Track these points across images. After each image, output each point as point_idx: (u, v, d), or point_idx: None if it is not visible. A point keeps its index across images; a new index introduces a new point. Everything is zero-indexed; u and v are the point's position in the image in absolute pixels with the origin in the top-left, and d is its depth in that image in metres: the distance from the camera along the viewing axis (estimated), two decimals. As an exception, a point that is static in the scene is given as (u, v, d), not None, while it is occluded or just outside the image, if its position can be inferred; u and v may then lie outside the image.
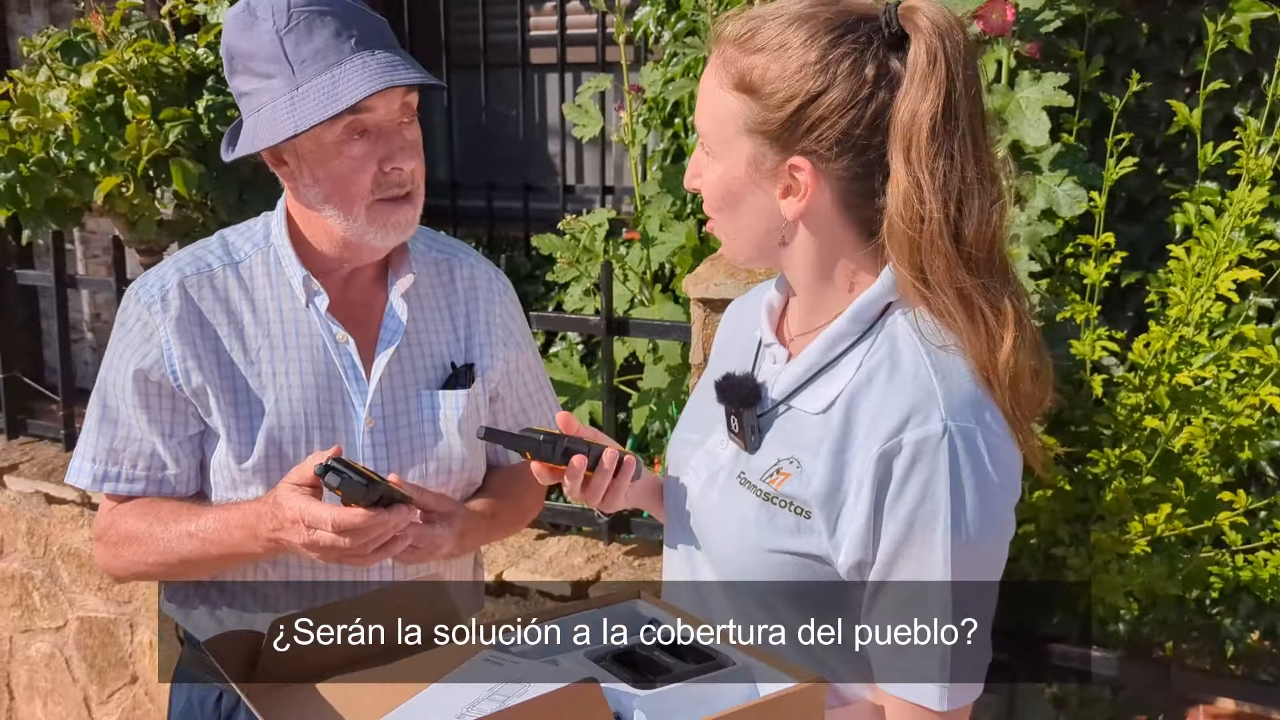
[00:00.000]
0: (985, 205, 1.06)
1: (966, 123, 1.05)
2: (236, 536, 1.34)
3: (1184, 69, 2.72)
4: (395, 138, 1.34)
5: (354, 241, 1.39)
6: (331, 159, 1.33)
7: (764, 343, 1.22)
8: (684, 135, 3.27)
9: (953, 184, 1.04)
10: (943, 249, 1.04)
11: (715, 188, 1.13)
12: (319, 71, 1.30)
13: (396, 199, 1.36)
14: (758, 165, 1.09)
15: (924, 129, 1.03)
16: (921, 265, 1.06)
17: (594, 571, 2.51)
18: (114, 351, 1.42)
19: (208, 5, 2.92)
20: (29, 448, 3.37)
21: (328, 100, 1.29)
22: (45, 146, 2.62)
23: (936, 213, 1.04)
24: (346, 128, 1.31)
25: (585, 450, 1.21)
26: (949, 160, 1.04)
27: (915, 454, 1.03)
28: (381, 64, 1.30)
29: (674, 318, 2.65)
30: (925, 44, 1.04)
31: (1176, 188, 2.78)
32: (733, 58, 1.09)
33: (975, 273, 1.06)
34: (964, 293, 1.06)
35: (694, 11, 3.26)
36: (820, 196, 1.09)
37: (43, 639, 3.34)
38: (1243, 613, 2.58)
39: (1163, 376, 1.99)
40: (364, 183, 1.34)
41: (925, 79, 1.03)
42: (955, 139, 1.04)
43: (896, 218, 1.05)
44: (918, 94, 1.03)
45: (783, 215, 1.10)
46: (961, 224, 1.05)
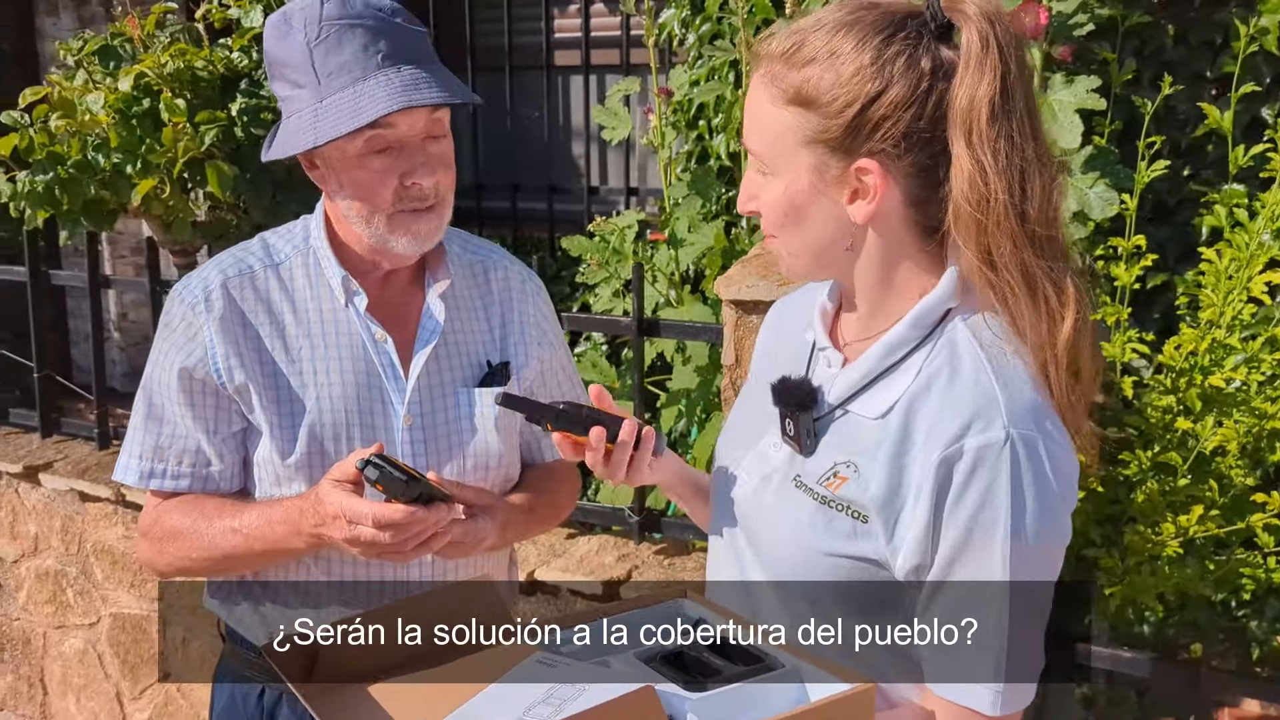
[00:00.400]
0: (1046, 183, 1.08)
1: (1023, 103, 1.07)
2: (279, 532, 1.36)
3: (1211, 71, 2.72)
4: (417, 153, 1.36)
5: (378, 248, 1.42)
6: (354, 170, 1.36)
7: (818, 347, 1.23)
8: (708, 137, 3.29)
9: (1015, 164, 1.05)
10: (1009, 229, 1.06)
11: (778, 205, 1.13)
12: (342, 86, 1.32)
13: (418, 210, 1.38)
14: (822, 174, 1.10)
15: (983, 112, 1.04)
16: (989, 246, 1.07)
17: (625, 570, 2.53)
18: (159, 351, 1.45)
19: (241, 9, 2.95)
20: (63, 446, 3.41)
21: (347, 116, 1.31)
22: (83, 149, 2.65)
23: (1001, 193, 1.05)
24: (368, 141, 1.34)
25: (604, 421, 1.22)
26: (1009, 141, 1.05)
27: (977, 460, 1.04)
28: (405, 82, 1.32)
29: (703, 319, 2.67)
30: (977, 30, 1.05)
31: (1203, 190, 2.78)
32: (781, 73, 1.10)
33: (1040, 252, 1.07)
34: (1029, 272, 1.07)
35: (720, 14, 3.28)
36: (890, 196, 1.10)
37: (76, 635, 3.39)
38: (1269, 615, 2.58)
39: (1195, 379, 2.00)
40: (384, 195, 1.36)
41: (980, 63, 1.05)
42: (1014, 119, 1.06)
43: (962, 201, 1.06)
44: (974, 79, 1.05)
45: (851, 220, 1.11)
46: (1025, 203, 1.06)
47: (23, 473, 3.31)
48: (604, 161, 4.60)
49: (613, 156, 4.57)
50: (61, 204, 2.70)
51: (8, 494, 3.40)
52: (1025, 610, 1.07)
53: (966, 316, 1.11)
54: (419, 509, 1.26)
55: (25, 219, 2.78)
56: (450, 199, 1.43)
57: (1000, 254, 1.06)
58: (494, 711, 1.02)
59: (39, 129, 2.69)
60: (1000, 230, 1.06)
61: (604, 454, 1.23)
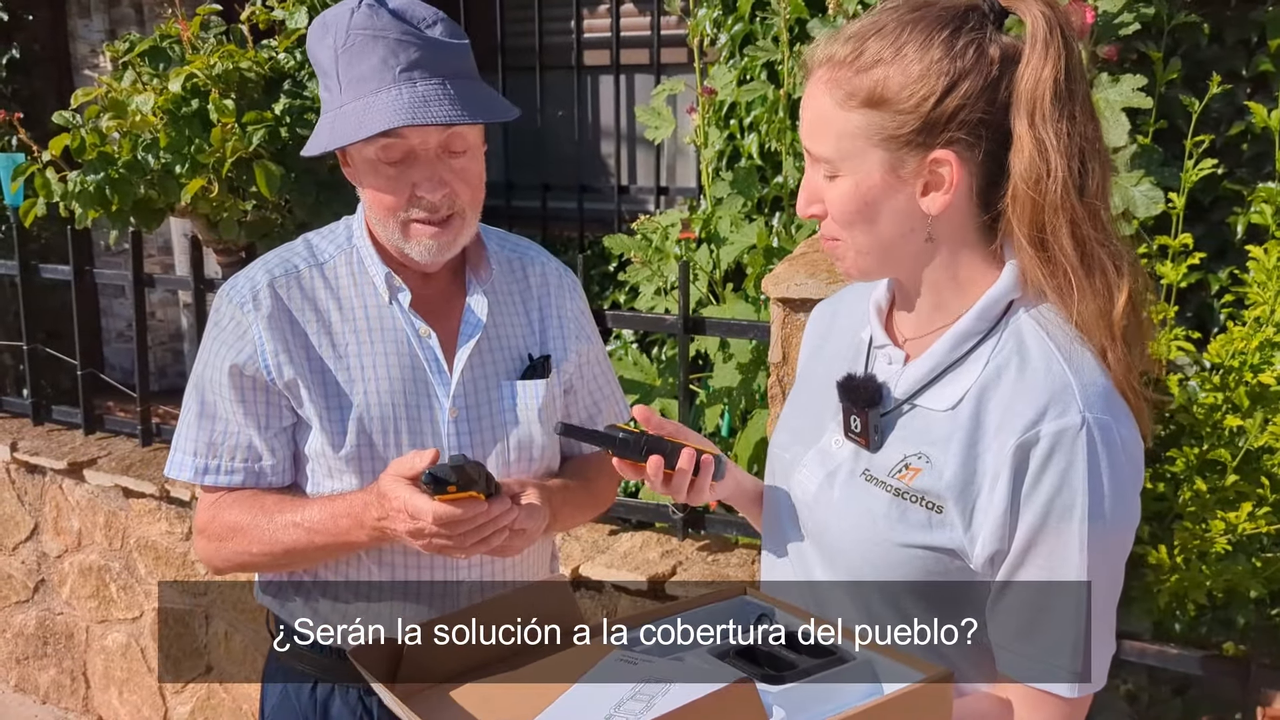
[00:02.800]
0: (1103, 162, 1.11)
1: (1082, 85, 1.10)
2: (343, 525, 1.39)
3: (1247, 70, 2.73)
4: (429, 166, 1.38)
5: (396, 252, 1.45)
6: (370, 174, 1.39)
7: (875, 344, 1.25)
8: (739, 136, 3.31)
9: (1075, 142, 1.08)
10: (1069, 205, 1.08)
11: (849, 203, 1.15)
12: (357, 96, 1.35)
13: (429, 222, 1.41)
14: (896, 170, 1.12)
15: (1048, 93, 1.07)
16: (1043, 225, 1.09)
17: (669, 567, 2.55)
18: (209, 349, 1.47)
19: (286, 11, 2.98)
20: (105, 442, 3.45)
21: (356, 126, 1.34)
22: (133, 149, 2.69)
23: (1061, 171, 1.08)
24: (383, 149, 1.37)
25: (663, 450, 1.24)
26: (1071, 120, 1.08)
27: (1053, 445, 1.06)
28: (415, 98, 1.34)
29: (745, 316, 2.69)
30: (1042, 15, 1.09)
31: (1238, 189, 2.79)
32: (845, 78, 1.12)
33: (1097, 227, 1.10)
34: (1086, 249, 1.10)
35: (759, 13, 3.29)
36: (962, 185, 1.12)
37: (119, 629, 3.43)
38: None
39: (1245, 376, 2.01)
40: (394, 202, 1.39)
41: (1046, 46, 1.08)
42: (1077, 100, 1.09)
43: (1020, 181, 1.09)
44: (1039, 61, 1.08)
45: (925, 212, 1.13)
46: (1086, 179, 1.09)
47: (67, 469, 3.34)
48: (633, 160, 4.62)
49: (642, 155, 4.60)
50: (112, 204, 2.73)
51: (51, 490, 3.45)
52: (1102, 592, 1.09)
53: (1029, 307, 1.14)
54: (480, 505, 1.29)
55: (76, 218, 2.81)
56: (471, 213, 1.45)
57: (1055, 233, 1.09)
58: (583, 710, 1.04)
59: (90, 129, 2.72)
60: (1060, 207, 1.09)
61: (662, 478, 1.26)
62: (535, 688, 1.10)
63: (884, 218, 1.14)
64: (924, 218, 1.14)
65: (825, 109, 1.14)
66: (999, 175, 1.12)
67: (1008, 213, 1.12)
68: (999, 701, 1.14)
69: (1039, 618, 1.09)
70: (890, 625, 1.17)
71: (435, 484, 1.27)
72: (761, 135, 3.25)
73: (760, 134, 3.25)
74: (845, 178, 1.14)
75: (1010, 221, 1.12)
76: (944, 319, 1.18)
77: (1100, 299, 1.10)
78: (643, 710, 1.01)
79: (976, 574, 1.12)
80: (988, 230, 1.15)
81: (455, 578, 1.49)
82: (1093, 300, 1.10)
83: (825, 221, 1.18)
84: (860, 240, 1.17)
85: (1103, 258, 1.10)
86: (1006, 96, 1.10)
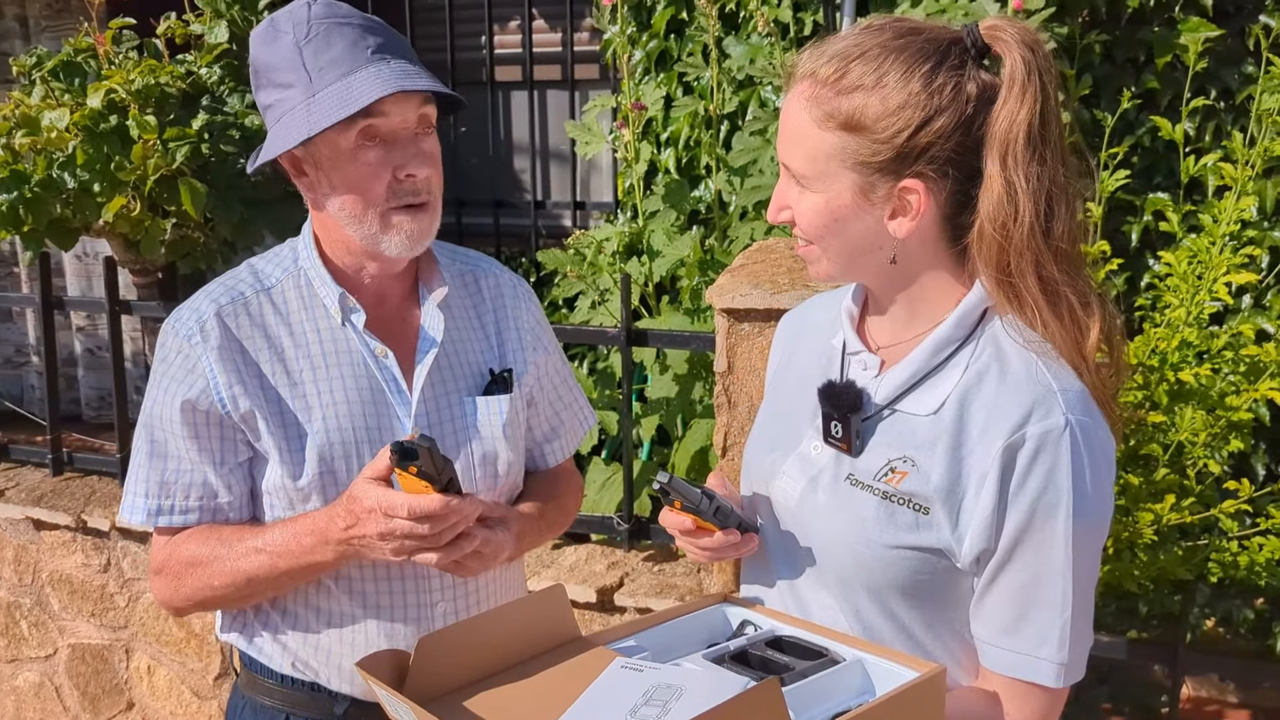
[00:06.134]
0: (1070, 203, 1.15)
1: (1056, 129, 1.14)
2: (306, 543, 1.36)
3: (1135, 86, 2.89)
4: (410, 145, 1.37)
5: (371, 251, 1.42)
6: (347, 165, 1.36)
7: (849, 351, 1.28)
8: (656, 152, 3.36)
9: (1044, 185, 1.12)
10: (1034, 246, 1.12)
11: (818, 217, 1.18)
12: (335, 78, 1.34)
13: (411, 207, 1.39)
14: (867, 194, 1.16)
15: (1021, 136, 1.11)
16: (1009, 265, 1.13)
17: (617, 578, 2.56)
18: (158, 386, 1.42)
19: (203, 24, 2.91)
20: (13, 473, 3.30)
21: (340, 104, 1.32)
22: (49, 167, 2.58)
23: (1028, 214, 1.12)
24: (361, 133, 1.34)
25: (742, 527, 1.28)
26: (1041, 164, 1.12)
27: (1039, 446, 1.10)
28: (395, 71, 1.34)
29: (682, 327, 2.72)
30: (1021, 57, 1.12)
31: (1131, 199, 2.95)
32: (825, 97, 1.15)
33: (1063, 267, 1.15)
34: (1051, 287, 1.14)
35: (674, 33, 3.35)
36: (929, 213, 1.16)
37: (31, 668, 3.27)
38: (1200, 601, 2.74)
39: (1166, 374, 2.13)
40: (378, 189, 1.37)
41: (1023, 90, 1.11)
42: (1049, 144, 1.13)
43: (986, 221, 1.13)
44: (1015, 105, 1.12)
45: (892, 235, 1.17)
46: (1051, 222, 1.13)
47: (-30, 502, 3.20)
48: (547, 176, 4.63)
49: (556, 171, 4.61)
50: (25, 223, 2.62)
51: (-47, 525, 3.28)
52: (1083, 585, 1.14)
53: (1004, 315, 1.18)
54: (454, 499, 1.27)
55: (-13, 239, 2.69)
56: (440, 200, 1.44)
57: (1020, 272, 1.13)
58: (598, 716, 1.04)
59: (2, 147, 2.61)
60: (1024, 247, 1.12)
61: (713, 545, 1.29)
62: (546, 696, 1.10)
63: (851, 235, 1.18)
64: (891, 239, 1.17)
65: (803, 125, 1.17)
66: (967, 204, 1.16)
67: (974, 247, 1.16)
68: (986, 695, 1.18)
69: (1025, 612, 1.14)
70: (876, 624, 1.20)
71: (403, 455, 1.24)
72: (679, 150, 3.31)
73: (677, 149, 3.31)
74: (817, 194, 1.17)
75: (976, 257, 1.16)
76: (920, 326, 1.22)
77: (1069, 331, 1.15)
78: (659, 713, 1.02)
79: (962, 572, 1.16)
80: (958, 256, 1.19)
81: (430, 601, 1.46)
82: (1062, 331, 1.15)
83: (796, 228, 1.22)
84: (829, 249, 1.20)
85: (1069, 296, 1.14)
86: (980, 134, 1.13)
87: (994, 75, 1.15)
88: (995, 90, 1.13)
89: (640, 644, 1.21)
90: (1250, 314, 2.61)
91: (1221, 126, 2.87)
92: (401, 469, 1.26)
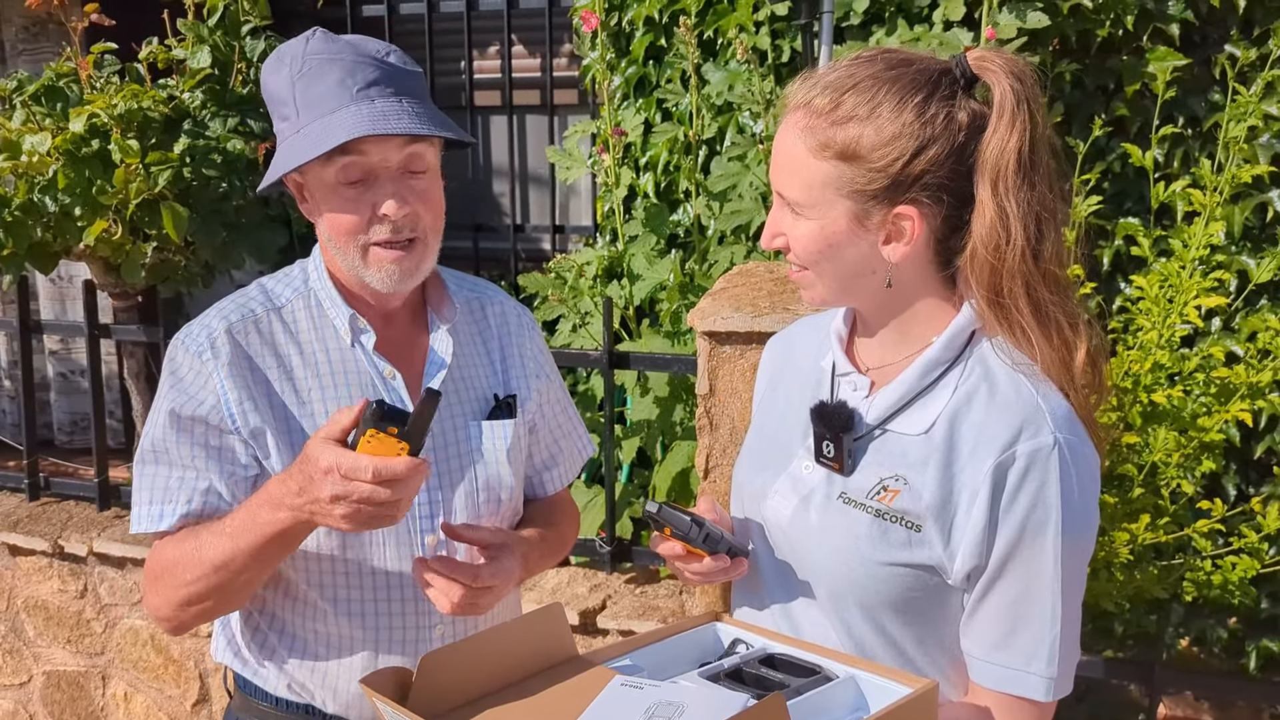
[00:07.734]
0: (1058, 226, 1.19)
1: (1045, 154, 1.18)
2: (261, 516, 1.30)
3: (1105, 113, 2.95)
4: (390, 184, 1.38)
5: (357, 282, 1.43)
6: (331, 197, 1.38)
7: (839, 372, 1.31)
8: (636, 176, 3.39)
9: (1034, 210, 1.16)
10: (1024, 270, 1.16)
11: (814, 243, 1.21)
12: (316, 117, 1.36)
13: (393, 244, 1.39)
14: (862, 221, 1.19)
15: (1011, 163, 1.15)
16: (1000, 288, 1.17)
17: (599, 600, 2.56)
18: (168, 399, 1.42)
19: (186, 49, 2.92)
20: (-13, 499, 3.28)
21: (314, 144, 1.34)
22: (30, 191, 2.58)
23: (1019, 238, 1.15)
24: (343, 169, 1.36)
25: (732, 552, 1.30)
26: (1031, 189, 1.16)
27: (1029, 464, 1.14)
28: (374, 112, 1.35)
29: (662, 350, 2.74)
30: (1010, 87, 1.16)
31: (1102, 224, 3.01)
32: (820, 127, 1.18)
33: (1052, 289, 1.18)
34: (1041, 308, 1.17)
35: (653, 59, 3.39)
36: (924, 236, 1.20)
37: (5, 695, 3.23)
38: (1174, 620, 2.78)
39: (1140, 396, 2.17)
40: (355, 224, 1.38)
41: (1012, 118, 1.15)
42: (1038, 170, 1.17)
43: (979, 244, 1.16)
44: (1005, 132, 1.15)
45: (886, 260, 1.20)
46: (1041, 244, 1.17)
47: (-56, 528, 3.16)
48: (526, 200, 4.65)
49: (535, 195, 4.63)
50: (5, 247, 2.61)
51: (-74, 551, 3.25)
52: (1071, 600, 1.16)
53: (991, 336, 1.21)
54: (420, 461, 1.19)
55: (-34, 264, 2.68)
56: (433, 239, 1.44)
57: (1011, 294, 1.17)
58: None
59: (-18, 171, 2.60)
60: (1015, 271, 1.16)
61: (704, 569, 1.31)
62: (549, 713, 1.11)
63: (845, 260, 1.21)
64: (885, 263, 1.20)
65: (798, 154, 1.20)
66: (960, 227, 1.19)
67: (965, 270, 1.19)
68: (977, 710, 1.20)
69: (1015, 628, 1.16)
70: (868, 641, 1.23)
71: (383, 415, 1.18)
72: (657, 175, 3.34)
73: (656, 173, 3.34)
74: (812, 220, 1.20)
75: (968, 279, 1.19)
76: (909, 348, 1.25)
77: (1057, 351, 1.18)
78: None
79: (953, 589, 1.19)
80: (948, 279, 1.23)
81: (429, 623, 1.47)
82: (1051, 351, 1.18)
83: (790, 253, 1.24)
84: (823, 274, 1.23)
85: (1058, 317, 1.18)
86: (972, 161, 1.17)
87: (983, 104, 1.19)
88: (985, 118, 1.17)
89: (635, 663, 1.23)
90: (1220, 337, 2.66)
91: (1190, 153, 2.93)
92: (378, 429, 1.18)
